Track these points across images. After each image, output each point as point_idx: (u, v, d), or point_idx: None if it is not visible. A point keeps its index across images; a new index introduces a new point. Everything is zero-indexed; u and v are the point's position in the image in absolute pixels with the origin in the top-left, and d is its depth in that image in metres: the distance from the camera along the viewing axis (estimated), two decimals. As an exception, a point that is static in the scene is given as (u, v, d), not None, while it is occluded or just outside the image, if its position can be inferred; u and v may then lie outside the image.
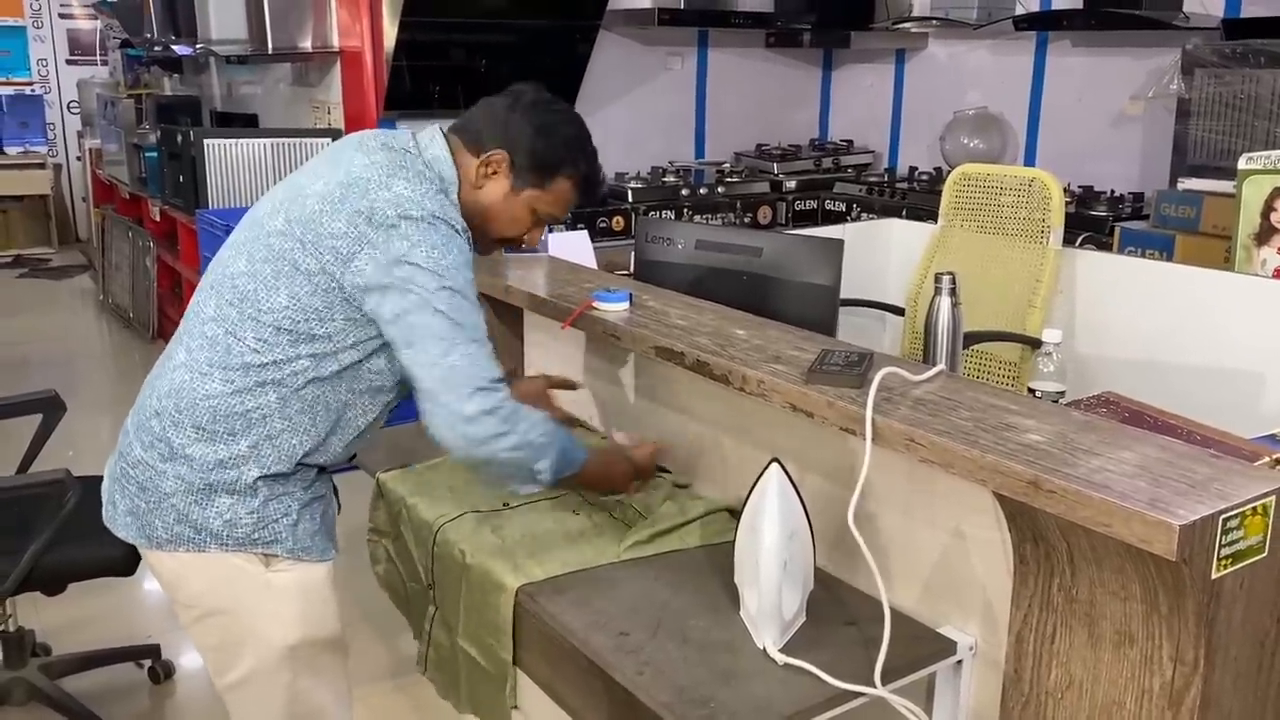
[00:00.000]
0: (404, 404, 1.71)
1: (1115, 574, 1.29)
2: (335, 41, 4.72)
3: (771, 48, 5.58)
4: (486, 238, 1.73)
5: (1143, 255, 3.92)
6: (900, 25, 5.17)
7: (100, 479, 1.69)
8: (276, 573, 1.63)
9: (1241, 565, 1.23)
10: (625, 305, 2.04)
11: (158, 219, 5.54)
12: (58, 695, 2.61)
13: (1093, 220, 4.22)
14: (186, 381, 1.58)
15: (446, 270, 1.53)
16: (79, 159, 8.25)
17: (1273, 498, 1.23)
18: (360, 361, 1.60)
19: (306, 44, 4.75)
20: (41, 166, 8.27)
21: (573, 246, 2.75)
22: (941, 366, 1.63)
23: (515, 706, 1.79)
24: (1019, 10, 4.78)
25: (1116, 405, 1.68)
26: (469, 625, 1.81)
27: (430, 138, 1.67)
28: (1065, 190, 4.54)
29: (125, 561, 2.43)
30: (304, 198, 1.58)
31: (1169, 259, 3.86)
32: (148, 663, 2.82)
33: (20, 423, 2.65)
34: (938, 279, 2.14)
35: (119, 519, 1.65)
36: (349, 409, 1.64)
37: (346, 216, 1.53)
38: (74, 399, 2.85)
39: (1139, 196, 4.37)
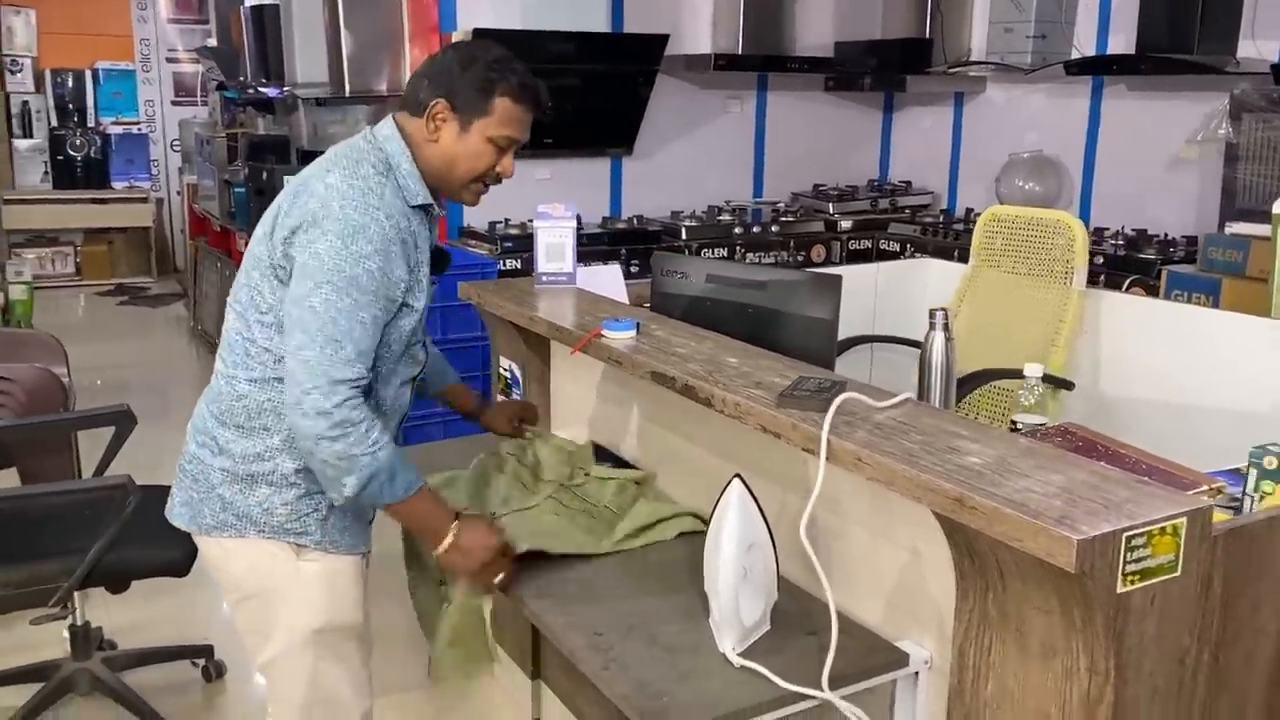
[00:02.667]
0: (419, 430, 1.87)
1: (1038, 588, 1.38)
2: (408, 85, 4.99)
3: (831, 91, 5.69)
4: (460, 183, 1.82)
5: (1189, 299, 3.93)
6: (957, 70, 5.24)
7: (160, 487, 1.92)
8: (306, 562, 1.82)
9: (1151, 582, 1.30)
10: (632, 333, 2.17)
11: (243, 250, 5.87)
12: (118, 687, 2.81)
13: (1141, 263, 4.24)
14: (224, 387, 1.80)
15: (344, 263, 1.64)
16: (179, 194, 8.74)
17: (1184, 519, 1.31)
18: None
19: (382, 87, 5.02)
20: (144, 201, 8.78)
21: (604, 281, 2.90)
22: (908, 395, 1.73)
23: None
24: (1074, 55, 4.83)
25: (1073, 435, 1.75)
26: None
27: (383, 123, 1.83)
28: (1117, 234, 4.58)
29: (181, 563, 2.64)
30: (276, 204, 1.78)
31: (1215, 303, 3.86)
32: (201, 662, 3.02)
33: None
34: (931, 314, 2.23)
35: (175, 510, 1.88)
36: (371, 389, 1.78)
37: (293, 215, 1.71)
38: (165, 419, 3.08)
39: (1191, 240, 4.36)
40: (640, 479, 2.15)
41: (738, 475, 1.61)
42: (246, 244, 5.63)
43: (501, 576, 1.82)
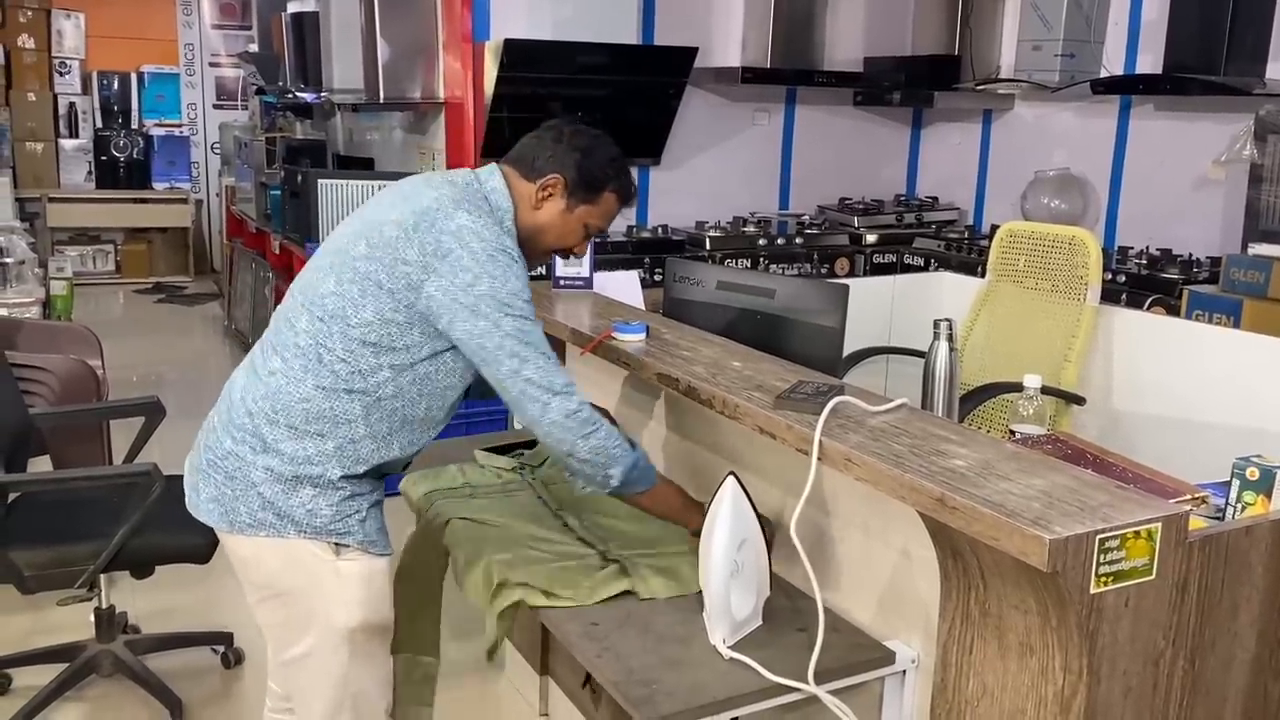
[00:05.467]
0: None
1: (1015, 588, 1.42)
2: (441, 93, 5.09)
3: (859, 105, 5.73)
4: (541, 250, 1.96)
5: (1210, 320, 3.92)
6: (985, 86, 5.27)
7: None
8: (346, 561, 1.82)
9: (1126, 584, 1.34)
10: (641, 336, 2.23)
11: (277, 251, 5.98)
12: (140, 669, 2.89)
13: (1163, 283, 4.24)
14: (283, 386, 1.79)
15: (510, 297, 1.75)
16: (218, 196, 8.91)
17: (1159, 524, 1.34)
18: (435, 372, 1.81)
19: (416, 94, 5.12)
20: (184, 202, 8.97)
21: (621, 286, 2.96)
22: (903, 400, 1.78)
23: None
24: (1103, 74, 4.84)
25: (1063, 444, 1.79)
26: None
27: (490, 173, 1.92)
28: (1141, 253, 4.59)
29: (203, 550, 2.71)
30: (382, 225, 1.80)
31: (1237, 324, 3.86)
32: (221, 648, 3.10)
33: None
34: (936, 325, 2.27)
35: (201, 505, 1.85)
36: (425, 423, 1.85)
37: (418, 245, 1.76)
38: (198, 414, 3.12)
39: (1215, 261, 4.35)
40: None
41: (732, 473, 1.66)
42: (280, 244, 5.69)
43: None
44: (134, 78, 8.95)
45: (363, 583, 1.85)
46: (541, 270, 4.53)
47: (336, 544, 1.81)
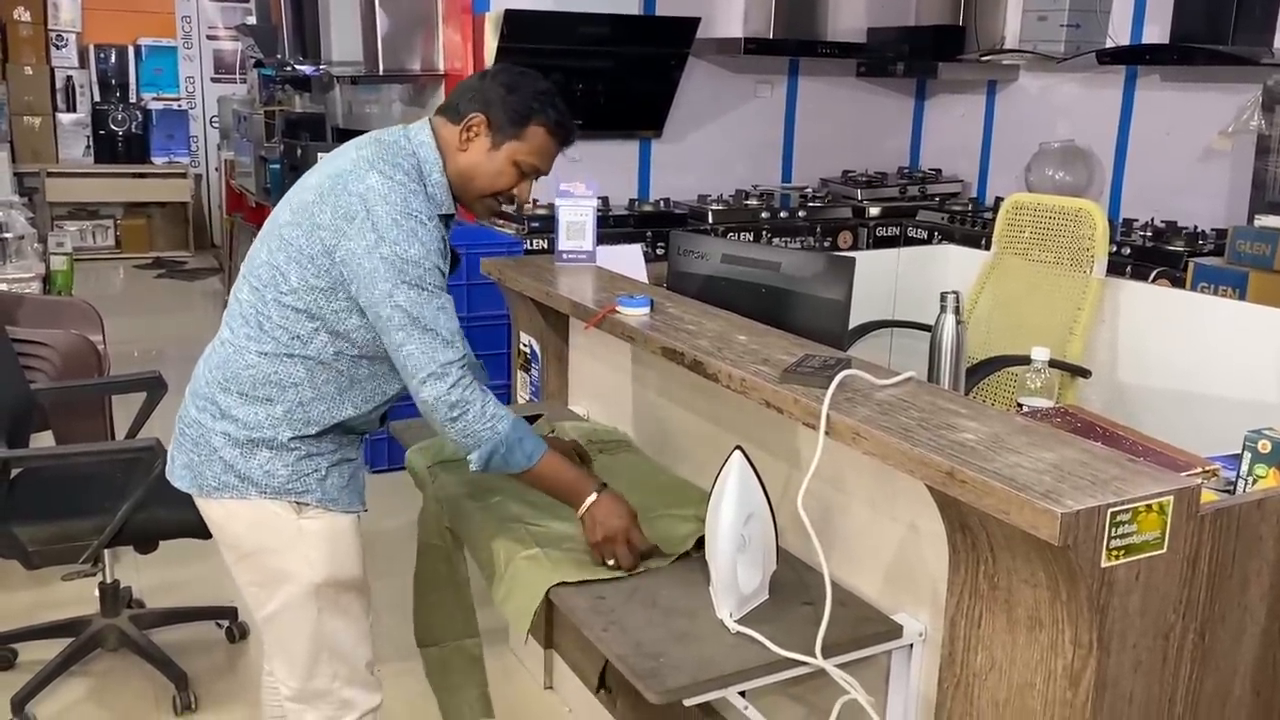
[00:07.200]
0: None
1: (1025, 562, 1.41)
2: (440, 65, 5.04)
3: (862, 77, 5.68)
4: (477, 196, 1.90)
5: (1215, 292, 3.90)
6: (989, 57, 5.22)
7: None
8: (307, 519, 1.87)
9: (1137, 558, 1.33)
10: (646, 310, 2.21)
11: (276, 226, 5.96)
12: (145, 644, 2.90)
13: (1168, 255, 4.21)
14: (231, 355, 1.84)
15: (408, 264, 1.73)
16: (217, 170, 8.86)
17: (1170, 498, 1.33)
18: (372, 334, 1.80)
19: (415, 67, 5.08)
20: (183, 176, 8.91)
21: (624, 260, 2.94)
22: (911, 374, 1.76)
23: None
24: (1109, 44, 4.79)
25: (1073, 417, 1.78)
26: None
27: (419, 127, 1.88)
28: (1146, 225, 4.56)
29: (205, 525, 2.71)
30: (305, 190, 1.82)
31: (1242, 296, 3.84)
32: (225, 623, 3.11)
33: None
34: (943, 297, 2.25)
35: (176, 471, 1.91)
36: (374, 379, 1.86)
37: (330, 209, 1.76)
38: None
39: (1221, 233, 4.32)
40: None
41: (739, 447, 1.65)
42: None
43: (617, 560, 1.81)
44: (131, 51, 8.87)
45: (325, 540, 1.89)
46: (544, 243, 4.52)
47: (297, 503, 1.86)
